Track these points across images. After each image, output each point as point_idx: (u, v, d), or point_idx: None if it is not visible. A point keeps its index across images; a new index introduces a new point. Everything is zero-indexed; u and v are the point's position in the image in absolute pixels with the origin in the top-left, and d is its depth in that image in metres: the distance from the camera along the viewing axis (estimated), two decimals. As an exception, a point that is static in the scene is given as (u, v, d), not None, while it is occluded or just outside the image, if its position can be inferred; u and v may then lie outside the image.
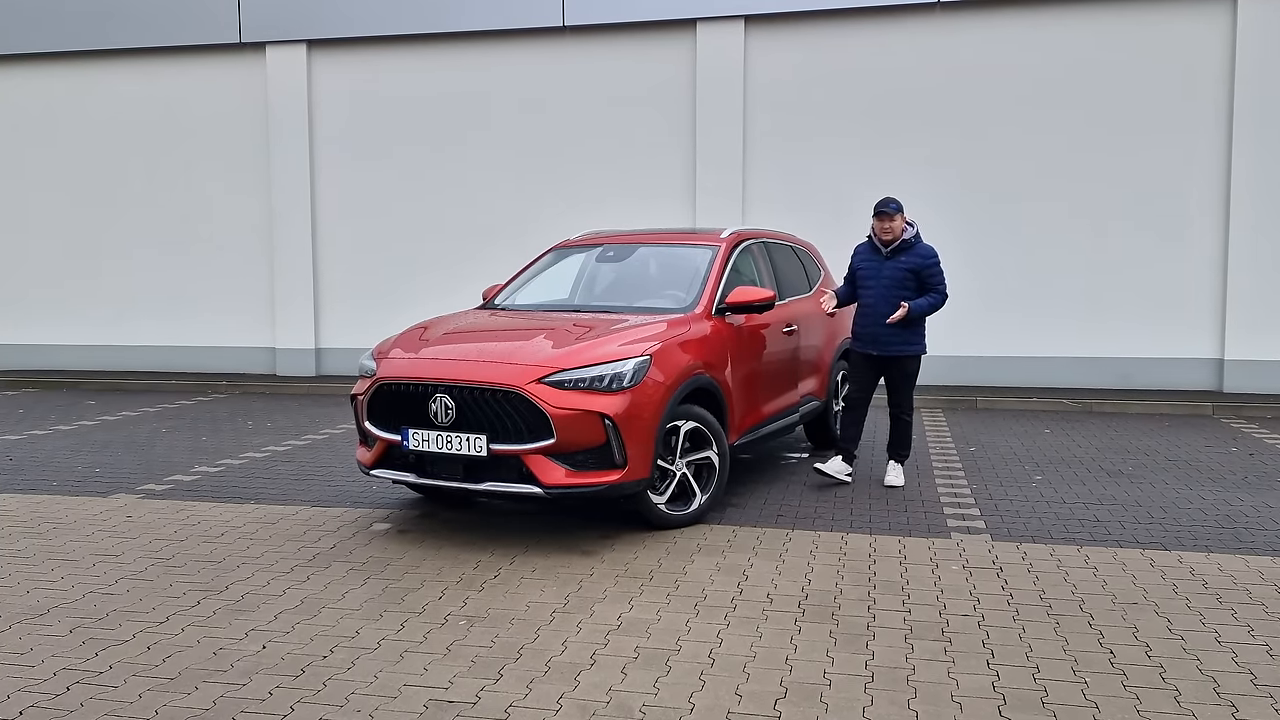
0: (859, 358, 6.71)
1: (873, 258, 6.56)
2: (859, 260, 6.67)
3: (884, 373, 6.63)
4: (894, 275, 6.42)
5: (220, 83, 13.10)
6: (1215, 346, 10.87)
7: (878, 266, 6.49)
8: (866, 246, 6.65)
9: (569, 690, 3.59)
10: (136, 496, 6.65)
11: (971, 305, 11.17)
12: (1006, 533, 5.62)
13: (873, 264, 6.53)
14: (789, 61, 11.54)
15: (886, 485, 6.63)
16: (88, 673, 3.77)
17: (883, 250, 6.49)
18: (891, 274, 6.43)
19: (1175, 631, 4.11)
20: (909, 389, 6.65)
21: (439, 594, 4.64)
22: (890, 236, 6.42)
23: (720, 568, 4.98)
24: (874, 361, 6.60)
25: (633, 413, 5.27)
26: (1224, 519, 5.91)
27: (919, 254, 6.44)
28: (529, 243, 10.54)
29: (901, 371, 6.57)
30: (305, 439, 8.76)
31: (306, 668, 3.80)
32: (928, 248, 6.48)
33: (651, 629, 4.18)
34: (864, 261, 6.61)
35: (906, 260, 6.42)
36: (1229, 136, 10.62)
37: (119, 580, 4.88)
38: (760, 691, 3.57)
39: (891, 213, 6.37)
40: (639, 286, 6.82)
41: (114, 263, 13.62)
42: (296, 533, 5.69)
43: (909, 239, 6.45)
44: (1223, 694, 3.54)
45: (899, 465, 6.73)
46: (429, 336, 5.99)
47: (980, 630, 4.13)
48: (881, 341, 6.49)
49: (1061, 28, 10.94)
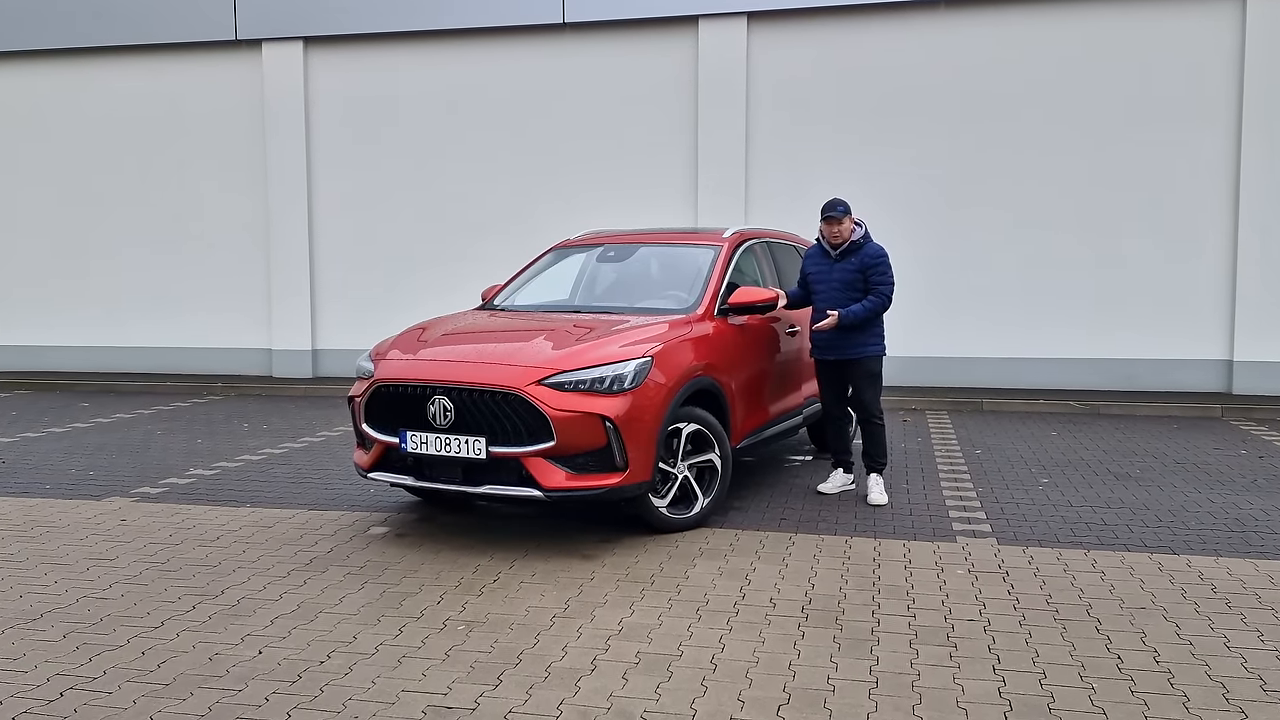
0: (821, 365, 6.61)
1: (822, 261, 6.48)
2: (809, 264, 6.58)
3: (846, 376, 6.50)
4: (843, 277, 6.35)
5: (215, 80, 13.04)
6: (1224, 348, 10.81)
7: (827, 269, 6.42)
8: (816, 250, 6.57)
9: (569, 696, 3.57)
10: (131, 500, 6.62)
11: (976, 306, 11.17)
12: (1013, 536, 5.60)
13: (822, 267, 6.46)
14: (792, 59, 11.51)
15: (870, 504, 6.31)
16: (81, 678, 3.75)
17: (831, 253, 6.42)
18: (841, 276, 6.35)
19: (1184, 636, 4.10)
20: (875, 391, 6.49)
21: (437, 598, 4.62)
22: (839, 239, 6.35)
23: (723, 572, 4.96)
24: (834, 366, 6.51)
25: (634, 415, 5.24)
26: (1233, 522, 5.89)
27: (867, 254, 6.34)
28: (528, 242, 10.48)
29: (864, 373, 6.42)
30: (302, 441, 8.74)
31: (303, 673, 3.78)
32: (876, 247, 6.40)
33: (653, 634, 4.16)
34: (814, 265, 6.53)
35: (855, 261, 6.34)
36: (1238, 134, 10.58)
37: (113, 584, 4.85)
38: (763, 697, 3.55)
39: (839, 215, 6.28)
40: (640, 287, 6.81)
41: (106, 261, 13.54)
42: (293, 536, 5.67)
43: (858, 239, 6.38)
44: (1232, 700, 3.52)
45: (879, 478, 6.46)
46: (427, 337, 5.96)
47: (986, 635, 4.12)
48: (838, 345, 6.39)
49: (1067, 26, 10.90)
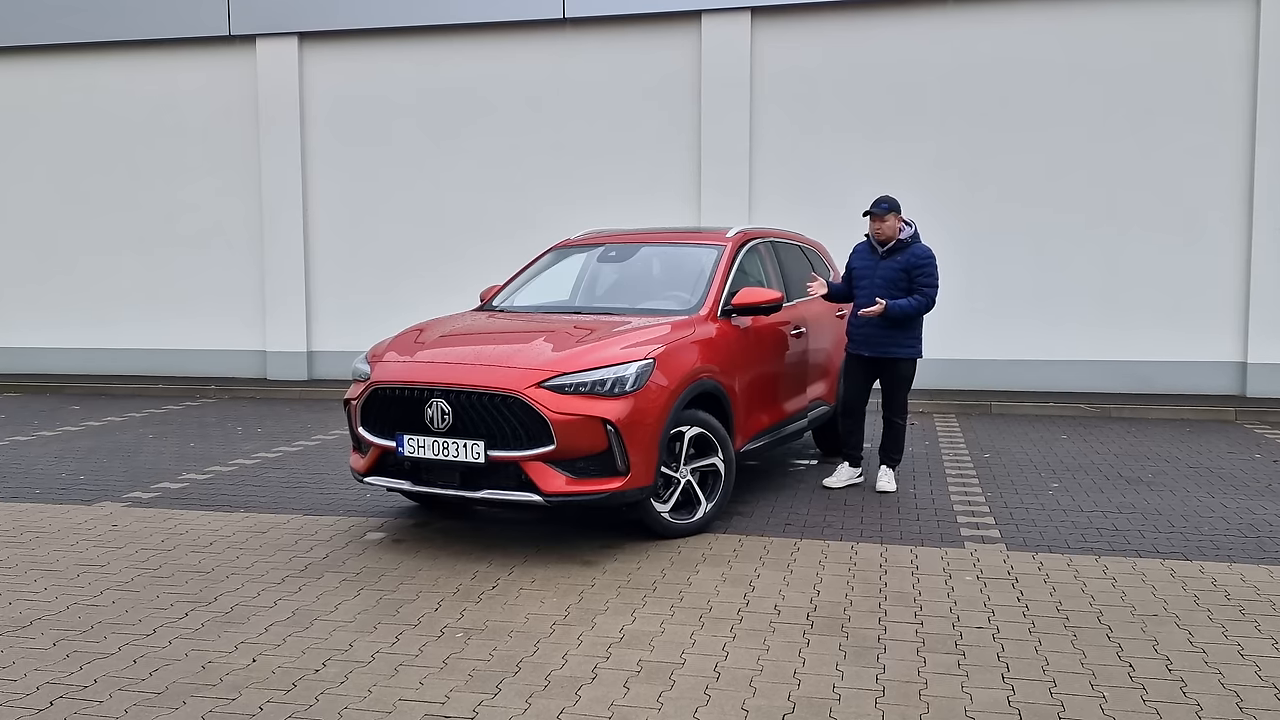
0: (853, 359, 6.75)
1: (869, 257, 6.60)
2: (856, 260, 6.70)
3: (878, 375, 6.63)
4: (887, 275, 6.45)
5: (208, 77, 12.94)
6: (1238, 349, 10.71)
7: (873, 266, 6.53)
8: (865, 246, 6.69)
9: (569, 705, 3.54)
10: (122, 505, 6.59)
11: (986, 306, 11.11)
12: (1022, 542, 5.57)
13: (868, 264, 6.58)
14: (797, 54, 11.44)
15: (878, 490, 6.60)
16: (71, 687, 3.72)
17: (879, 250, 6.51)
18: (885, 274, 6.45)
19: (1197, 644, 4.07)
20: (903, 393, 6.63)
21: (435, 605, 4.60)
22: (884, 237, 6.45)
23: (726, 578, 4.94)
24: (867, 363, 6.61)
25: (635, 418, 5.21)
26: (1247, 528, 5.86)
27: (913, 254, 6.45)
28: (528, 242, 10.43)
29: (896, 374, 6.56)
30: (297, 445, 8.70)
31: (298, 682, 3.76)
32: (924, 248, 6.49)
33: (655, 642, 4.14)
34: (860, 261, 6.65)
35: (901, 260, 6.45)
36: (1252, 132, 10.49)
37: (104, 591, 4.83)
38: (767, 706, 3.52)
39: (882, 213, 6.41)
40: (642, 287, 6.80)
41: (96, 261, 13.40)
42: (288, 542, 5.65)
43: (905, 239, 6.47)
44: (1246, 709, 3.49)
45: (891, 470, 6.71)
46: (425, 339, 5.94)
47: (995, 643, 4.10)
48: (874, 343, 6.49)
49: (1078, 22, 10.82)
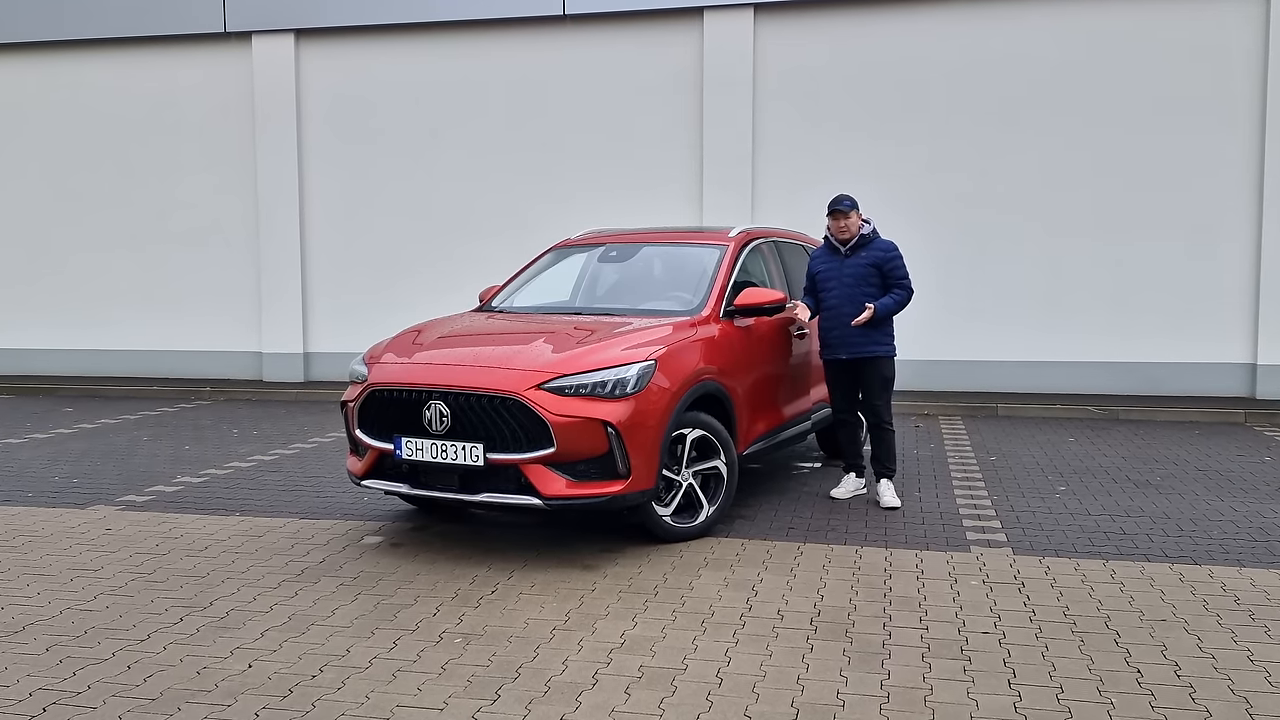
0: (832, 366, 6.58)
1: (832, 259, 6.50)
2: (817, 264, 6.59)
3: (857, 378, 6.49)
4: (855, 273, 6.37)
5: (203, 74, 12.89)
6: (1248, 351, 10.65)
7: (838, 266, 6.44)
8: (823, 249, 6.61)
9: (570, 711, 3.52)
10: (116, 508, 6.57)
11: (991, 307, 11.07)
12: (1029, 546, 5.55)
13: (832, 265, 6.48)
14: (800, 52, 11.40)
15: (883, 507, 6.32)
16: (65, 693, 3.70)
17: (841, 249, 6.45)
18: (853, 271, 6.37)
19: (1206, 650, 4.06)
20: (886, 394, 6.49)
21: (433, 610, 4.58)
22: (847, 234, 6.38)
23: (728, 583, 4.91)
24: (846, 367, 6.50)
25: (637, 420, 5.18)
26: (1257, 531, 5.83)
27: (879, 248, 6.39)
28: (527, 242, 10.38)
29: (876, 375, 6.43)
30: (293, 448, 8.67)
31: (294, 688, 3.75)
32: (888, 242, 6.44)
33: (656, 647, 4.12)
34: (823, 264, 6.54)
35: (867, 255, 6.37)
36: (1262, 131, 10.43)
37: (98, 596, 4.81)
38: (770, 712, 3.51)
39: (846, 210, 6.34)
40: (643, 288, 6.77)
41: (89, 261, 13.33)
42: (284, 546, 5.63)
43: (867, 234, 6.41)
44: (1256, 715, 3.47)
45: (889, 483, 6.49)
46: (423, 340, 5.91)
47: (1001, 648, 4.08)
48: (851, 344, 6.38)
49: (1086, 20, 10.78)
